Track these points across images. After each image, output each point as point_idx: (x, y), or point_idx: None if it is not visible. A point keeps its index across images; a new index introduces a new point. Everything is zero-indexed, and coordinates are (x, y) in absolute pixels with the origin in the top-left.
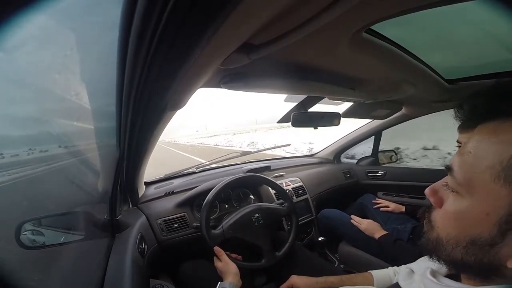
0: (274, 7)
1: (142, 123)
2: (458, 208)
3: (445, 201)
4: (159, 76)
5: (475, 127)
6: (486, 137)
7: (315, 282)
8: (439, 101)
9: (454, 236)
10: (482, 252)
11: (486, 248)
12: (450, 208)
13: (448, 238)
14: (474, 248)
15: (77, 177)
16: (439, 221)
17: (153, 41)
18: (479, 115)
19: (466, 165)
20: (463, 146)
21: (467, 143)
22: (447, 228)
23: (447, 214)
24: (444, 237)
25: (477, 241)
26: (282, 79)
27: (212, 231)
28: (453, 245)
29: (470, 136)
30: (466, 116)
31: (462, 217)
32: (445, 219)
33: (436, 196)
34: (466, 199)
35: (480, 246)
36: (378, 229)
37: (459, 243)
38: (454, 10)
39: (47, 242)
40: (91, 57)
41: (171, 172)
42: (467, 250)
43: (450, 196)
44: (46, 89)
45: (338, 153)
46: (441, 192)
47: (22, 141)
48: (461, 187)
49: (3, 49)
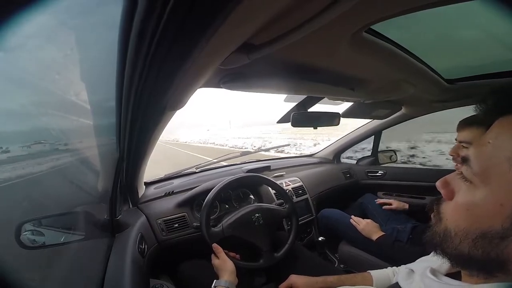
0: (274, 7)
1: (142, 123)
2: (471, 198)
3: (457, 193)
4: (159, 76)
5: (490, 123)
6: (507, 129)
7: (314, 281)
8: (439, 101)
9: (464, 228)
10: (491, 246)
11: (496, 241)
12: (463, 199)
13: (457, 230)
14: (483, 241)
15: (77, 177)
16: (449, 213)
17: (153, 41)
18: (501, 109)
19: (484, 155)
20: (480, 138)
21: (485, 135)
22: (457, 220)
23: (459, 205)
24: (453, 229)
25: (488, 234)
26: (282, 79)
27: (212, 229)
28: (461, 238)
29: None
30: (489, 110)
31: (475, 208)
32: (456, 211)
33: (447, 188)
34: (480, 189)
35: (490, 239)
36: (375, 230)
37: (469, 236)
38: (454, 10)
39: (47, 242)
40: (91, 57)
41: (171, 172)
42: (476, 243)
43: (463, 186)
44: (46, 89)
45: (338, 153)
46: (453, 184)
47: (22, 141)
48: (477, 177)
49: (3, 48)
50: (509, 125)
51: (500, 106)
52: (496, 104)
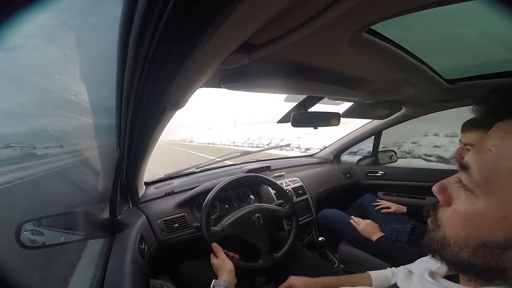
0: (275, 7)
1: (142, 123)
2: (471, 208)
3: (455, 200)
4: (159, 76)
5: (491, 126)
6: (510, 135)
7: (313, 282)
8: (439, 101)
9: (464, 237)
10: (491, 256)
11: (497, 251)
12: (462, 207)
13: (456, 239)
14: (483, 251)
15: (77, 177)
16: (447, 220)
17: (153, 41)
18: (502, 111)
19: (485, 163)
20: (481, 143)
21: (486, 140)
22: (456, 228)
23: (458, 213)
24: (451, 237)
25: (488, 244)
26: (282, 79)
27: (212, 228)
28: (460, 246)
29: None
30: (489, 112)
31: (475, 218)
32: (455, 219)
33: (445, 194)
34: (481, 199)
35: (491, 249)
36: (375, 231)
37: (468, 245)
38: (454, 10)
39: (47, 242)
40: (91, 56)
41: (171, 172)
42: (476, 252)
43: (462, 194)
44: (47, 89)
45: (338, 153)
46: (450, 189)
47: (22, 141)
48: (478, 187)
49: (3, 49)
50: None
51: (500, 108)
52: (497, 105)
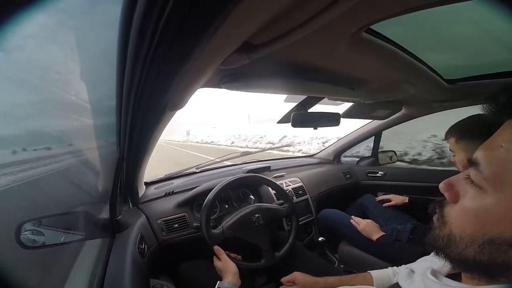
0: (274, 7)
1: (142, 123)
2: (480, 204)
3: (463, 196)
4: (159, 76)
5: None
6: None
7: (315, 282)
8: (439, 101)
9: (470, 233)
10: (498, 252)
11: (504, 248)
12: (470, 203)
13: (463, 235)
14: (490, 247)
15: (77, 177)
16: (454, 217)
17: (153, 41)
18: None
19: (496, 159)
20: (492, 139)
21: (496, 136)
22: (463, 225)
23: (466, 210)
24: (458, 234)
25: (496, 240)
26: (282, 79)
27: (212, 231)
28: (467, 243)
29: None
30: (500, 110)
31: (483, 214)
32: (462, 215)
33: (452, 191)
34: (491, 195)
35: (498, 245)
36: (376, 230)
37: (475, 241)
38: (454, 10)
39: (47, 242)
40: (91, 56)
41: (171, 172)
42: (482, 249)
43: (470, 191)
44: (47, 89)
45: (338, 153)
46: (457, 186)
47: (22, 141)
48: (487, 183)
49: (3, 49)
50: None
51: (511, 106)
52: (507, 103)
